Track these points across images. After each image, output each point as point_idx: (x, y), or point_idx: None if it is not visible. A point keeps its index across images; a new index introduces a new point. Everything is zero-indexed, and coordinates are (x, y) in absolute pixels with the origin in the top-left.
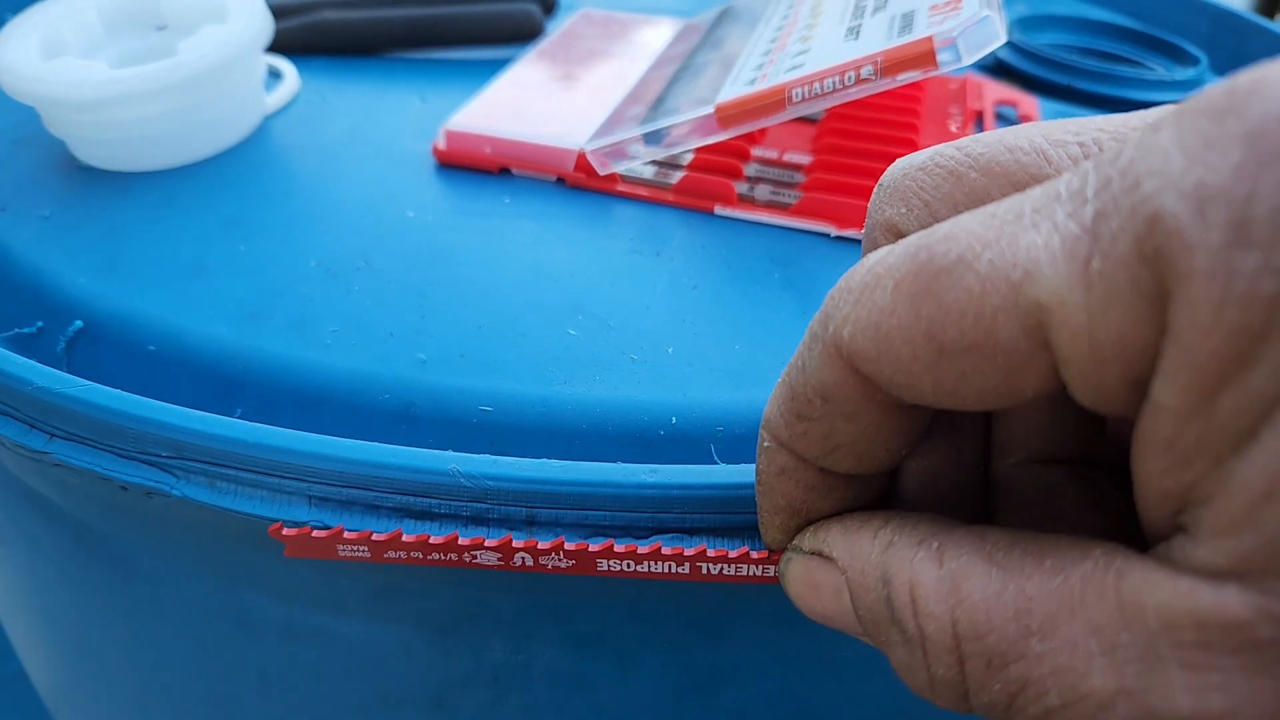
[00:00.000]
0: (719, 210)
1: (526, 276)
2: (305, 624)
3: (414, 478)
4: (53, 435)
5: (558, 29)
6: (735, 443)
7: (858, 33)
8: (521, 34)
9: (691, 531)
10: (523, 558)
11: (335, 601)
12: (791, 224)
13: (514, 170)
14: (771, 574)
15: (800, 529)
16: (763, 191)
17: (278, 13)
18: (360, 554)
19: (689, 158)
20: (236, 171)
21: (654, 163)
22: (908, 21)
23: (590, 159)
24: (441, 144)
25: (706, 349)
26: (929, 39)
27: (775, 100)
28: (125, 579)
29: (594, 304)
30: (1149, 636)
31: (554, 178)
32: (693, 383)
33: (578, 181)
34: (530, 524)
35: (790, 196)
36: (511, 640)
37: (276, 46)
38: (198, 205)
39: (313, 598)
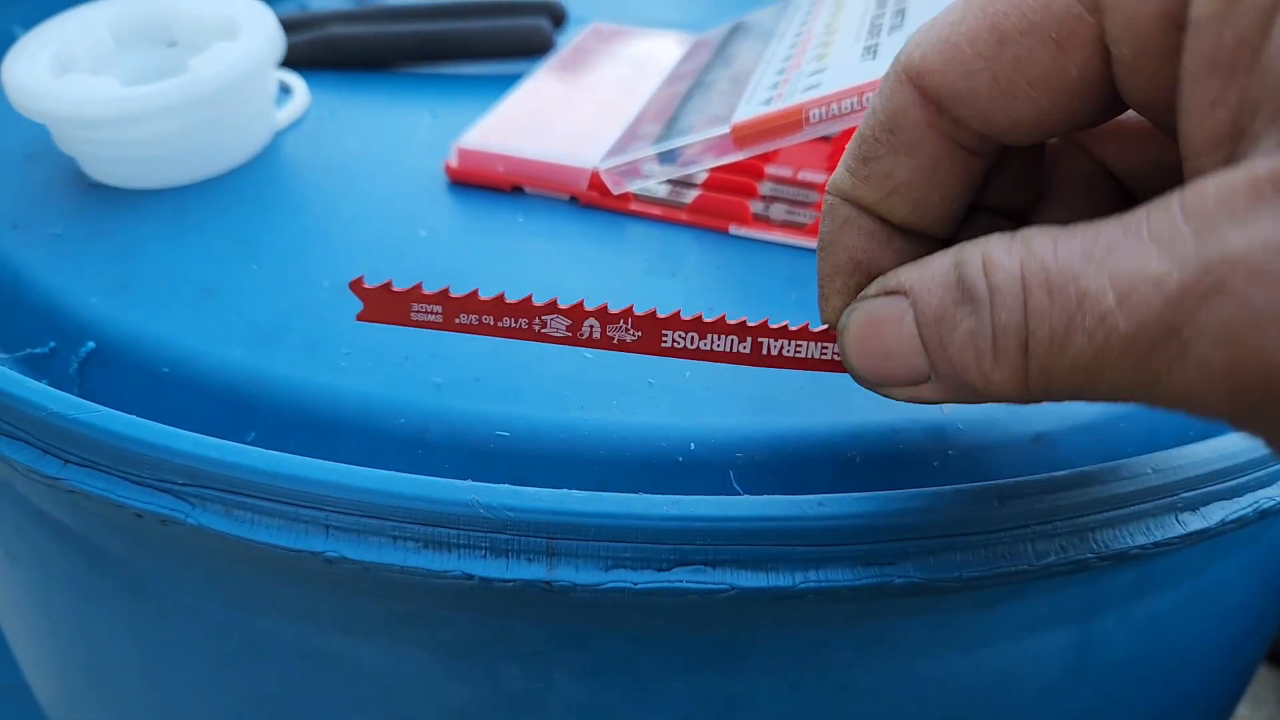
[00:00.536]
0: (734, 230)
1: (540, 298)
2: (321, 648)
3: (433, 508)
4: (67, 461)
5: (568, 43)
6: (754, 470)
7: (875, 52)
8: (531, 49)
9: (713, 563)
10: (591, 326)
11: (351, 625)
12: (808, 244)
13: (526, 188)
14: (830, 355)
15: (860, 289)
16: (778, 211)
17: (287, 27)
18: (433, 318)
19: (703, 176)
20: (248, 189)
21: (668, 181)
22: None
23: (604, 178)
24: (454, 162)
25: (724, 374)
26: None
27: (793, 120)
28: (137, 599)
29: None
30: (1207, 216)
31: (567, 196)
32: (711, 408)
33: (591, 200)
34: (550, 555)
35: (806, 216)
36: (529, 667)
37: (286, 61)
38: (210, 223)
39: (328, 621)
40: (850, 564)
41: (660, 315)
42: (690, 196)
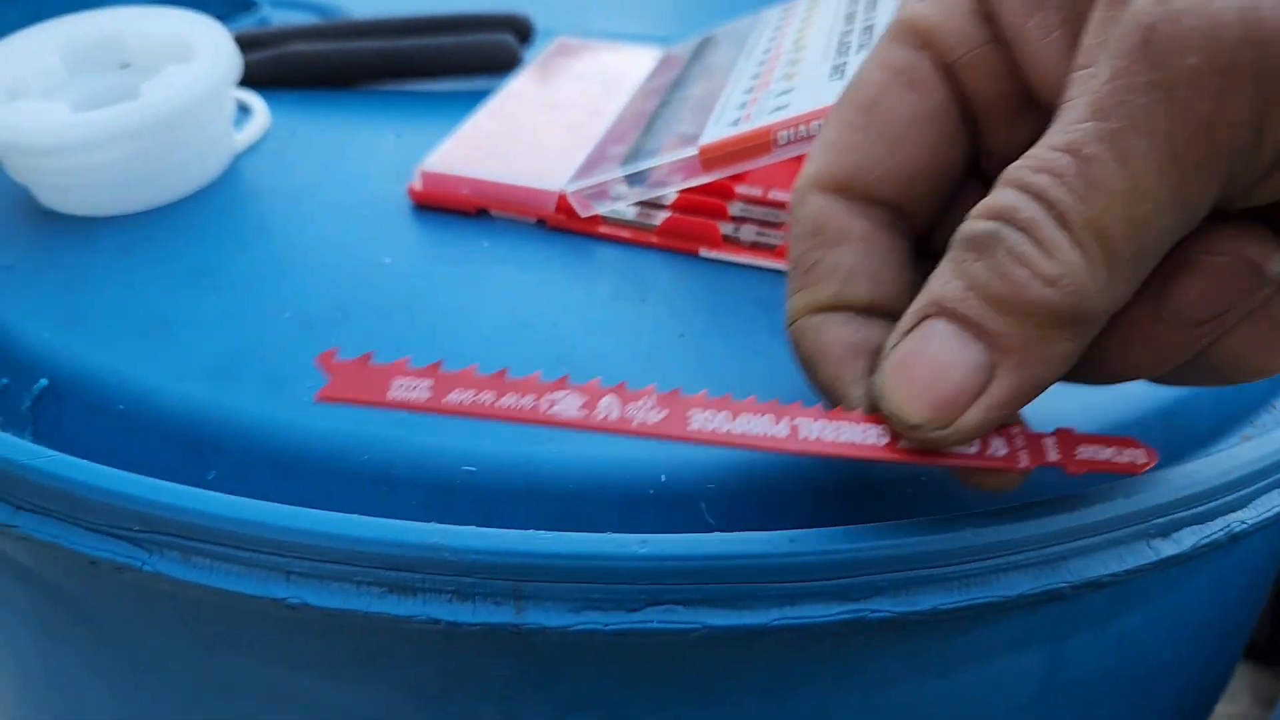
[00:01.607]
0: (704, 253)
1: (508, 326)
2: (289, 688)
3: (396, 551)
4: (19, 507)
5: (534, 59)
6: (727, 500)
7: (843, 71)
8: (497, 65)
9: (685, 603)
10: (608, 405)
11: (319, 665)
12: (778, 266)
13: (493, 211)
14: (874, 439)
15: (864, 368)
16: (748, 232)
17: (245, 44)
18: (418, 395)
19: (672, 197)
20: (205, 216)
21: (637, 203)
22: None
23: (571, 201)
24: (418, 185)
25: None
26: None
27: (760, 143)
28: (100, 639)
29: (578, 355)
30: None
31: (534, 219)
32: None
33: (559, 223)
34: (518, 597)
35: (776, 238)
36: (501, 705)
37: (245, 79)
38: (166, 253)
39: (296, 662)
40: (823, 600)
41: (685, 395)
42: (659, 219)
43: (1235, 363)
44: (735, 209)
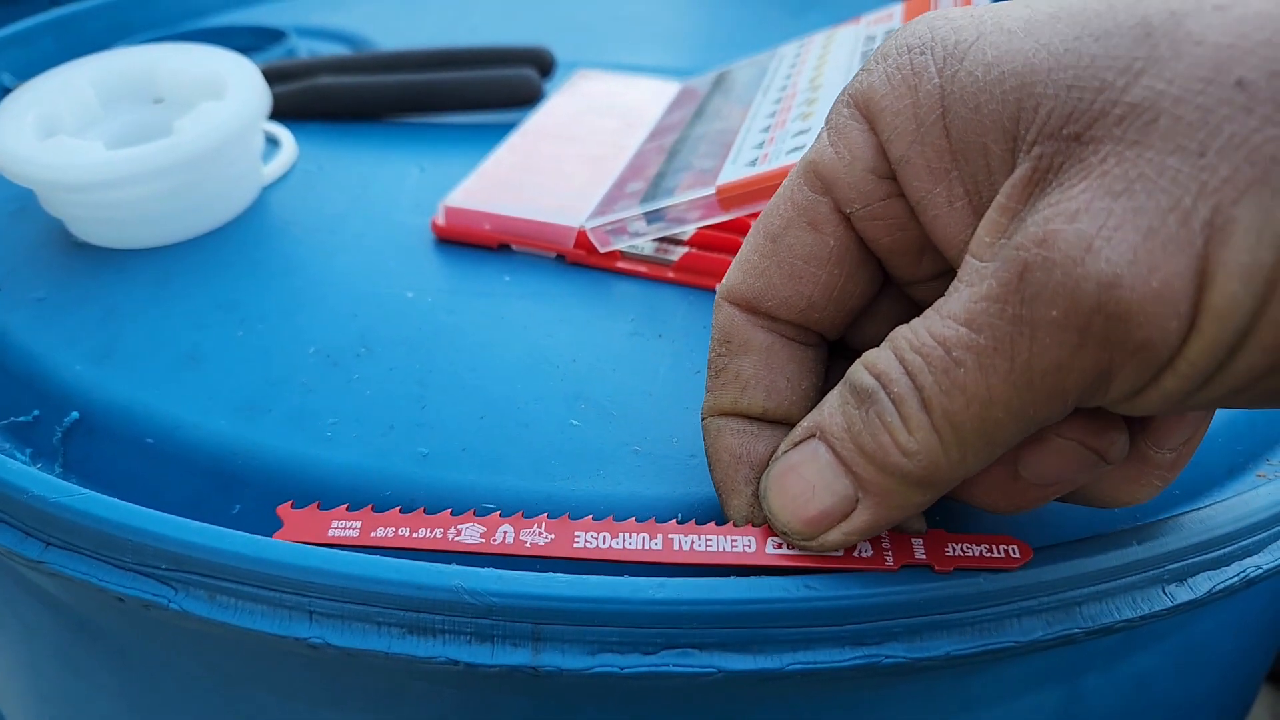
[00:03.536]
0: None
1: (527, 362)
2: None
3: (417, 594)
4: (48, 544)
5: (555, 92)
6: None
7: None
8: (520, 99)
9: (700, 646)
10: (504, 532)
11: (339, 701)
12: None
13: (514, 246)
14: (739, 548)
15: (752, 479)
16: None
17: (273, 77)
18: (350, 533)
19: (689, 233)
20: (234, 249)
21: (655, 239)
22: None
23: (591, 237)
24: (441, 220)
25: None
26: None
27: (777, 184)
28: (125, 669)
29: (596, 391)
30: (986, 248)
31: (554, 254)
32: (697, 477)
33: (578, 258)
34: (536, 639)
35: None
36: None
37: (273, 111)
38: (195, 287)
39: (316, 698)
40: (837, 645)
41: (572, 520)
42: (677, 254)
43: (1097, 499)
44: None
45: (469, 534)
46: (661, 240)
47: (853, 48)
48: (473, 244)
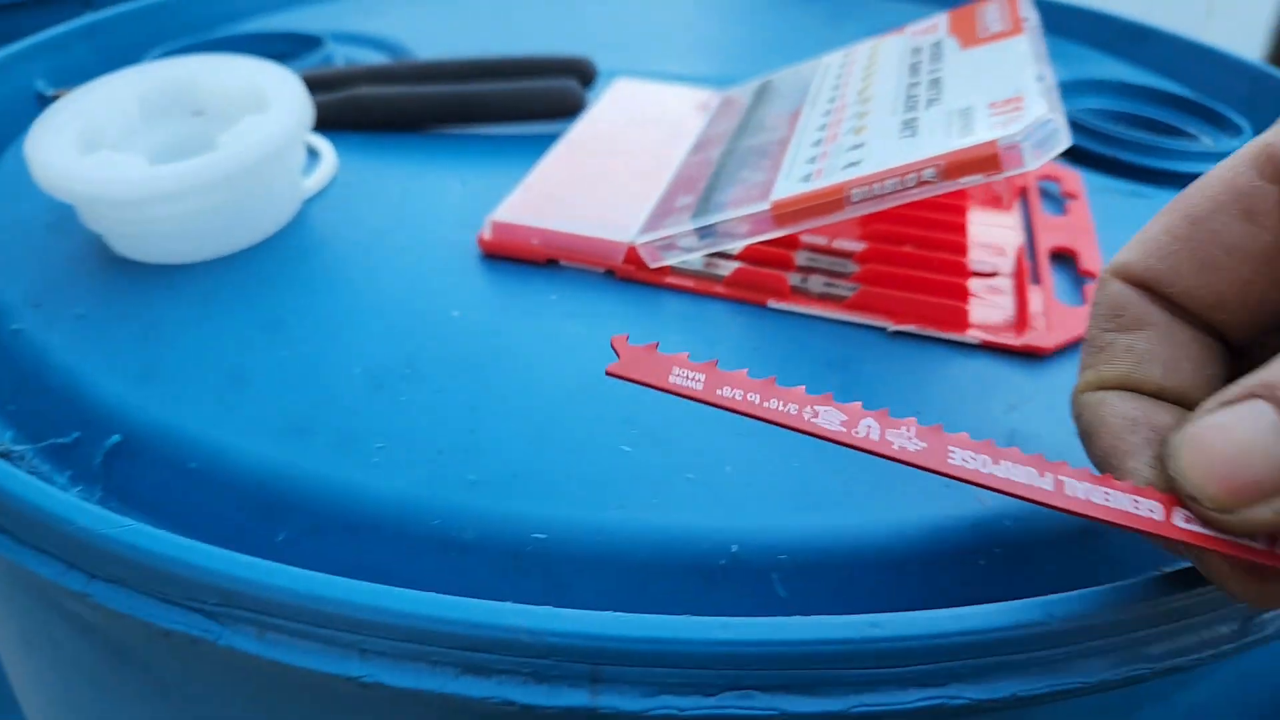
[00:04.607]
0: (772, 304)
1: (576, 383)
2: None
3: (472, 632)
4: (93, 577)
5: (596, 103)
6: (798, 573)
7: (914, 128)
8: (562, 110)
9: (763, 688)
10: (868, 426)
11: None
12: (847, 318)
13: (561, 261)
14: (1144, 511)
15: (1153, 441)
16: (816, 283)
17: (313, 86)
18: (693, 384)
19: (740, 247)
20: (276, 265)
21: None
22: (967, 119)
23: (641, 252)
24: (487, 235)
25: (765, 466)
26: (993, 144)
27: (834, 200)
28: (164, 700)
29: (647, 415)
30: None
31: (602, 269)
32: (752, 505)
33: (627, 274)
34: (595, 680)
35: (844, 289)
36: None
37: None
38: (237, 304)
39: None
40: (903, 686)
41: (946, 432)
42: (727, 269)
43: None
44: (801, 258)
45: (827, 419)
46: (711, 255)
47: (900, 60)
48: (519, 259)
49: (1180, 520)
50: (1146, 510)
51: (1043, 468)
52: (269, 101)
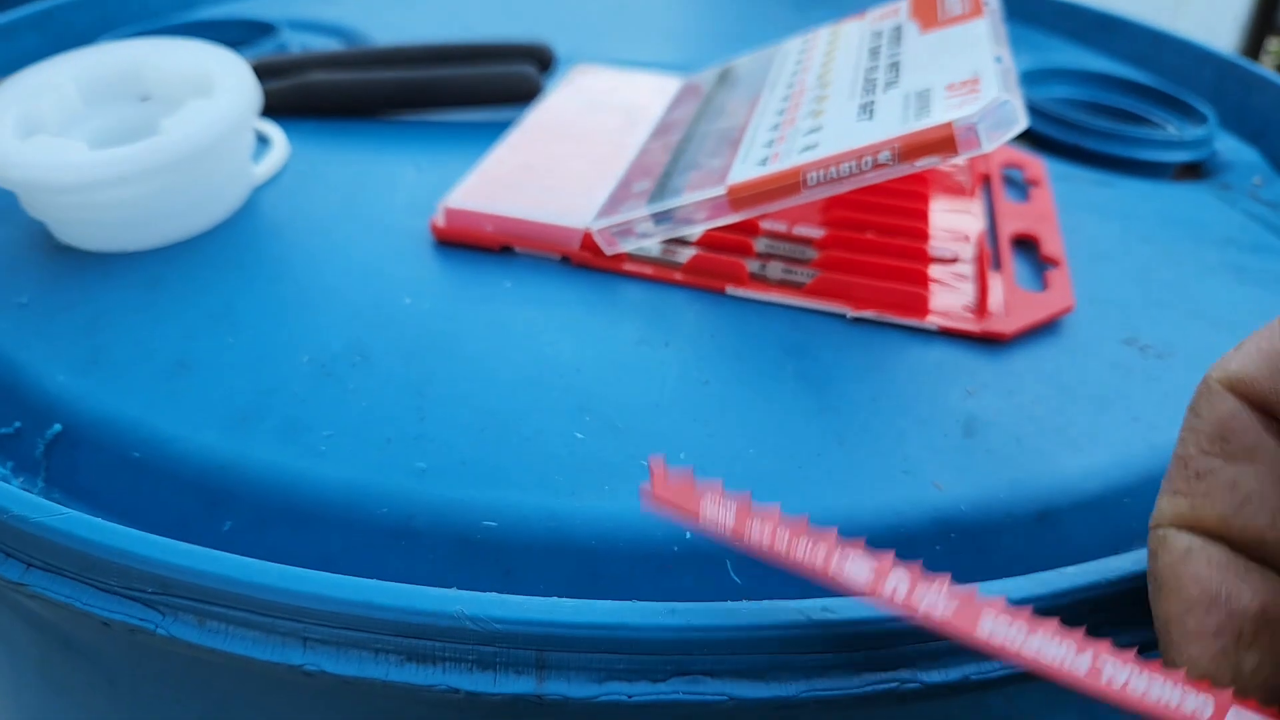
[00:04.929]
0: (730, 290)
1: (530, 371)
2: None
3: (416, 619)
4: (30, 565)
5: (554, 88)
6: (753, 559)
7: (871, 111)
8: (519, 95)
9: (712, 674)
10: (895, 585)
11: None
12: (804, 304)
13: (516, 248)
14: (1189, 710)
15: (1225, 629)
16: (775, 270)
17: (263, 72)
18: (723, 520)
19: (698, 233)
20: (223, 252)
21: (662, 240)
22: (924, 102)
23: (597, 239)
24: (440, 221)
25: (720, 454)
26: (949, 125)
27: (790, 184)
28: (112, 691)
29: (601, 402)
30: None
31: (558, 256)
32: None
33: (583, 260)
34: (541, 667)
35: (803, 275)
36: None
37: (264, 108)
38: (183, 291)
39: None
40: (853, 670)
41: (980, 597)
42: (685, 255)
43: None
44: (760, 245)
45: (855, 569)
46: (669, 241)
47: (860, 43)
48: (474, 246)
49: None
50: (1192, 707)
51: (1083, 645)
52: (215, 86)
